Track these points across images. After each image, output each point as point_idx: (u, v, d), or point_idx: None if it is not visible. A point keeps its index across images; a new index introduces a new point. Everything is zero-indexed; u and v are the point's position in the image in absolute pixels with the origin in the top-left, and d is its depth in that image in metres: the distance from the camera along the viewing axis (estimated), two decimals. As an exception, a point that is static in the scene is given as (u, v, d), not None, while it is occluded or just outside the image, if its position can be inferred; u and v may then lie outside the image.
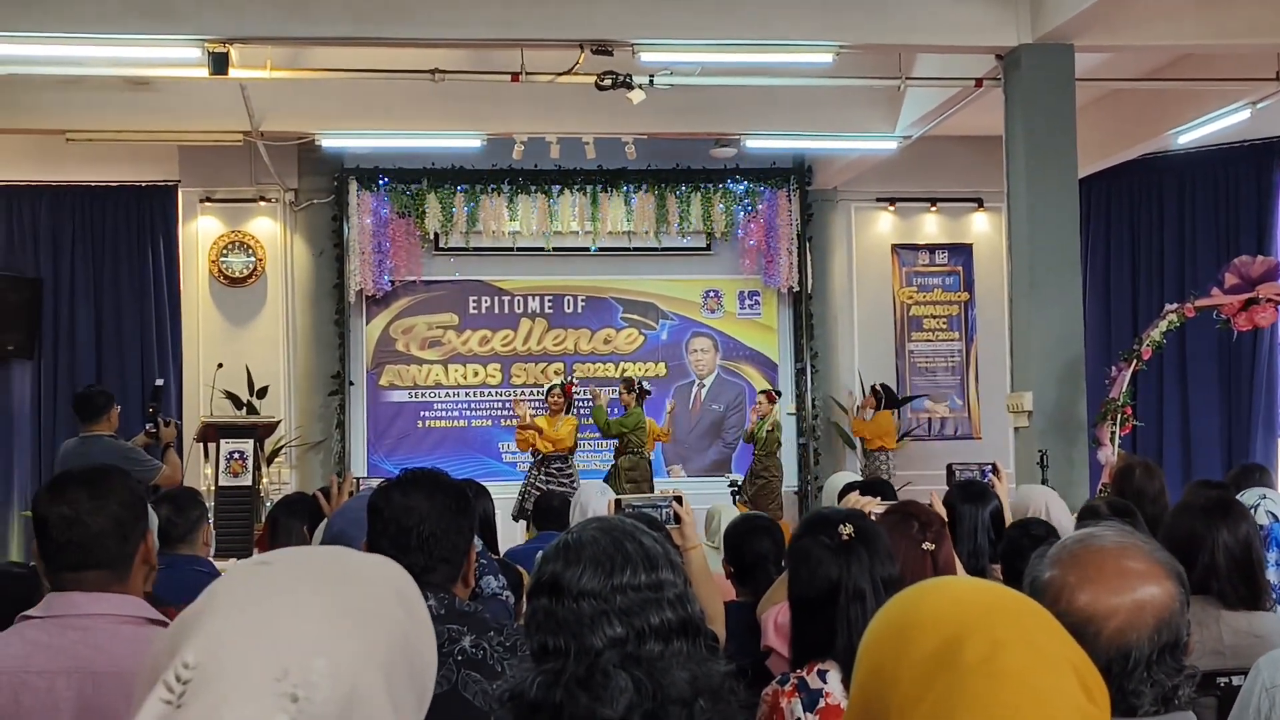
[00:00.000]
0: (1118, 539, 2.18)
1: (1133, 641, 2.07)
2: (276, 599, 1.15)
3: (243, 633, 1.12)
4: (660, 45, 10.69)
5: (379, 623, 1.21)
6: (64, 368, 14.84)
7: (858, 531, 3.29)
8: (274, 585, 1.17)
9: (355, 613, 1.19)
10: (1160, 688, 2.10)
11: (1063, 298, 10.59)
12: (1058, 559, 2.16)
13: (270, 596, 1.16)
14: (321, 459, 15.16)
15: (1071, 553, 2.16)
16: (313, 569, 1.22)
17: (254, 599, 1.15)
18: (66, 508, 2.86)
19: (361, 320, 15.64)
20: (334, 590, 1.19)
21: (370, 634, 1.18)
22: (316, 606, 1.16)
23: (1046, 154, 10.69)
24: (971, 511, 5.60)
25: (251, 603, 1.15)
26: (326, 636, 1.14)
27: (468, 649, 2.78)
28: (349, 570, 1.25)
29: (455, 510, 2.98)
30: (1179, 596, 2.13)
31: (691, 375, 16.07)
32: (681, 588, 2.18)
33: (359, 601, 1.20)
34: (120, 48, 10.61)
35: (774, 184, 15.92)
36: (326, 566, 1.24)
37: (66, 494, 2.88)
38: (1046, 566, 2.17)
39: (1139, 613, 2.08)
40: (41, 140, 14.09)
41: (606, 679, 2.05)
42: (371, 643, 1.18)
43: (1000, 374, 12.30)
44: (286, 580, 1.19)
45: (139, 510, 2.96)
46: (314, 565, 1.23)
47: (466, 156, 14.95)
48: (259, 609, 1.14)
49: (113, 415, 9.12)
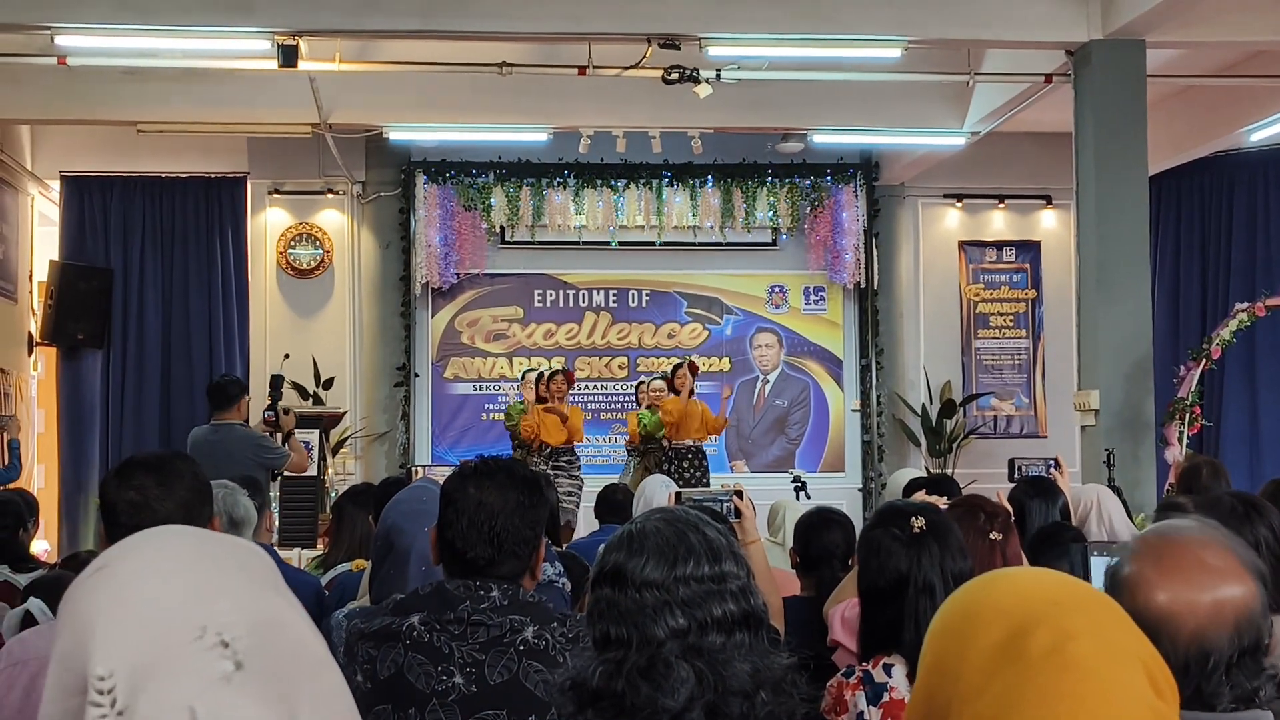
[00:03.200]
0: (1199, 533, 2.14)
1: (1212, 642, 2.03)
2: (143, 582, 1.15)
3: (137, 622, 1.11)
4: (728, 40, 10.68)
5: (240, 553, 1.22)
6: (133, 357, 14.94)
7: (929, 525, 3.27)
8: (131, 574, 1.17)
9: (216, 556, 1.20)
10: (1240, 689, 2.06)
11: (1131, 296, 10.50)
12: (1137, 553, 2.13)
13: (135, 583, 1.15)
14: (386, 450, 15.24)
15: (1152, 546, 2.12)
16: (155, 546, 1.21)
17: (122, 591, 1.15)
18: (134, 493, 2.88)
19: (427, 313, 15.71)
20: (184, 550, 1.20)
21: (241, 565, 1.20)
22: (185, 569, 1.16)
23: (1116, 151, 10.60)
24: (1040, 507, 5.58)
25: (123, 595, 1.14)
26: (209, 583, 1.15)
27: (530, 639, 2.78)
28: (188, 533, 1.25)
29: (528, 505, 2.97)
30: (1261, 596, 2.08)
31: (756, 371, 16.04)
32: (744, 580, 2.17)
33: (211, 548, 1.21)
34: (191, 40, 10.72)
35: (840, 179, 15.86)
36: (169, 539, 1.23)
37: (134, 479, 2.91)
38: (1126, 561, 2.14)
39: (1219, 612, 2.03)
40: (113, 132, 14.25)
41: (668, 669, 2.05)
42: (248, 571, 1.20)
43: (1067, 372, 12.22)
44: (136, 566, 1.18)
45: (205, 495, 2.98)
46: (152, 543, 1.23)
47: (533, 150, 14.98)
48: (136, 595, 1.14)
49: (243, 405, 9.25)
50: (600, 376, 15.80)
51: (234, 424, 9.07)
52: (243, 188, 15.12)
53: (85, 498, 14.43)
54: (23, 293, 14.80)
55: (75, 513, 14.53)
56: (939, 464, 15.02)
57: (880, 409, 15.87)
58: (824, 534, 5.04)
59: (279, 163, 14.92)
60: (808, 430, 15.94)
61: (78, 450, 14.80)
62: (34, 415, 14.96)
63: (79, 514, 14.51)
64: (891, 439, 15.91)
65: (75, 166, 14.98)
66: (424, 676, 2.74)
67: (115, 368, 14.96)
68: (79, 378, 14.89)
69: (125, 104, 12.89)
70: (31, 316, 14.96)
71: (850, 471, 15.63)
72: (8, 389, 14.13)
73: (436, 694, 2.73)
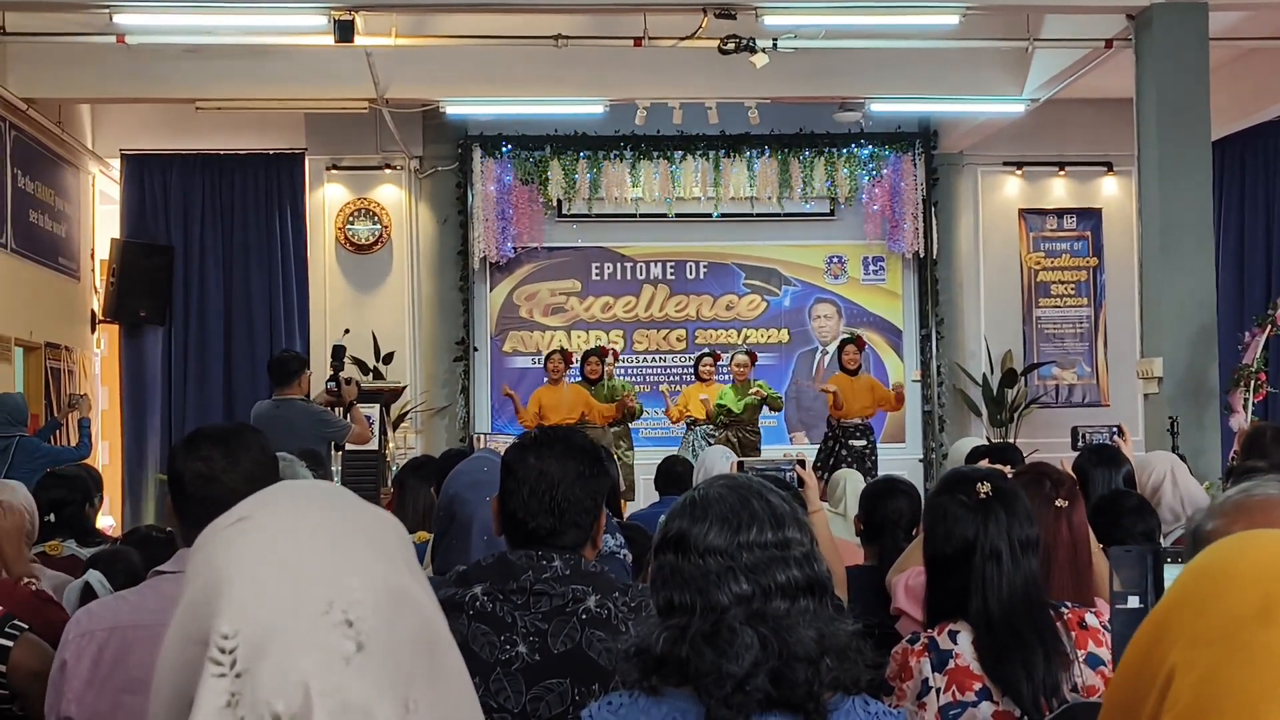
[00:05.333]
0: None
1: None
2: (282, 544, 1.15)
3: (269, 587, 1.11)
4: (784, 8, 10.64)
5: (380, 527, 1.22)
6: (194, 334, 15.07)
7: (996, 491, 3.25)
8: (271, 533, 1.17)
9: (356, 529, 1.19)
10: None
11: (1194, 263, 10.41)
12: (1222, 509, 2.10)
13: (273, 543, 1.15)
14: (446, 424, 15.31)
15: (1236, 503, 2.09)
16: (296, 506, 1.22)
17: (261, 551, 1.15)
18: (201, 464, 2.90)
19: (485, 287, 15.75)
20: (328, 516, 1.20)
21: (379, 540, 1.19)
22: (321, 536, 1.16)
23: (1178, 116, 10.49)
24: (1105, 475, 5.54)
25: (259, 556, 1.14)
26: (345, 559, 1.15)
27: (592, 608, 2.79)
28: (330, 495, 1.25)
29: (589, 475, 2.97)
30: None
31: (815, 342, 16.00)
32: (809, 546, 2.16)
33: (354, 518, 1.21)
34: (248, 16, 10.78)
35: (899, 148, 15.77)
36: (309, 500, 1.23)
37: (201, 451, 2.93)
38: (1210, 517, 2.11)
39: None
40: (172, 109, 14.36)
41: (733, 635, 2.04)
42: (385, 547, 1.19)
43: (1130, 340, 12.12)
44: (279, 524, 1.18)
45: (272, 467, 3.00)
46: (295, 502, 1.23)
47: (589, 123, 14.97)
48: (272, 557, 1.14)
49: (304, 379, 9.32)
50: (659, 349, 15.80)
51: (295, 399, 9.14)
52: (301, 164, 15.20)
53: (147, 474, 14.57)
54: (85, 271, 14.94)
55: (139, 488, 14.68)
56: (1000, 434, 14.95)
57: (941, 379, 15.81)
58: (889, 502, 5.03)
59: (337, 139, 14.98)
60: (868, 401, 15.88)
61: (140, 427, 14.95)
62: (97, 392, 15.10)
63: (142, 490, 14.66)
64: (952, 409, 15.84)
65: (135, 145, 15.10)
66: (488, 646, 2.75)
67: (177, 344, 15.09)
68: (141, 355, 15.03)
69: (184, 82, 12.98)
70: (94, 294, 15.11)
71: (911, 442, 15.57)
72: (72, 366, 14.28)
73: (500, 663, 2.74)
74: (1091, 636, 3.21)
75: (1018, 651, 3.07)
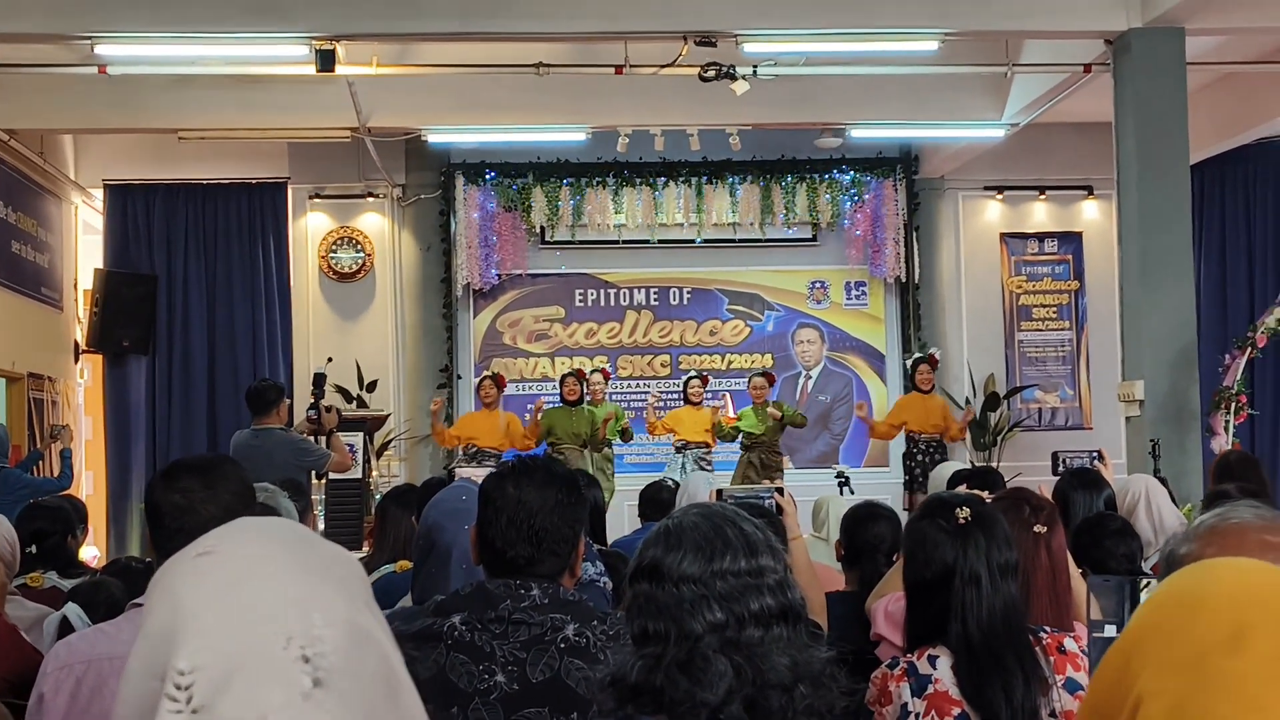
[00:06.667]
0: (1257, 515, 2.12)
1: None
2: (245, 579, 1.15)
3: (229, 621, 1.12)
4: (763, 36, 10.67)
5: (340, 565, 1.22)
6: (178, 363, 15.04)
7: (975, 515, 3.26)
8: (234, 568, 1.17)
9: (318, 566, 1.20)
10: None
11: (1175, 285, 10.44)
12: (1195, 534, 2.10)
13: (237, 579, 1.15)
14: (430, 452, 15.28)
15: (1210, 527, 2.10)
16: (260, 542, 1.22)
17: (221, 586, 1.15)
18: (179, 496, 2.91)
19: (469, 314, 15.76)
20: (290, 552, 1.20)
21: (340, 578, 1.20)
22: (284, 572, 1.17)
23: (1157, 140, 10.54)
24: (1085, 499, 5.56)
25: (221, 591, 1.14)
26: (307, 594, 1.15)
27: (571, 637, 2.79)
28: (292, 531, 1.25)
29: (567, 503, 2.98)
30: None
31: (798, 366, 16.02)
32: (782, 574, 2.17)
33: (316, 555, 1.21)
34: (229, 47, 10.79)
35: (880, 173, 15.82)
36: (272, 536, 1.23)
37: (179, 482, 2.94)
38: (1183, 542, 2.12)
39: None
40: (155, 139, 14.37)
41: (707, 663, 2.05)
42: (346, 585, 1.20)
43: (1112, 363, 12.16)
44: (242, 559, 1.18)
45: (250, 498, 3.01)
46: (259, 538, 1.23)
47: (571, 150, 15.01)
48: (233, 592, 1.14)
49: (282, 409, 9.32)
50: (643, 374, 15.81)
51: (274, 428, 9.14)
52: (284, 193, 15.21)
53: (131, 504, 14.53)
54: (68, 301, 14.93)
55: (123, 519, 14.63)
56: (984, 457, 14.96)
57: (924, 403, 15.81)
58: (870, 527, 5.04)
59: (319, 167, 15.01)
60: (851, 426, 15.90)
61: (124, 457, 14.90)
62: (81, 422, 15.07)
63: (126, 520, 14.62)
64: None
65: (118, 175, 15.09)
66: (466, 675, 2.75)
67: (161, 374, 15.06)
68: (125, 385, 15.00)
69: (166, 111, 13.00)
70: (77, 324, 15.09)
71: (894, 466, 15.56)
72: (55, 397, 14.25)
73: (479, 692, 2.74)
74: (1070, 661, 3.22)
75: (997, 676, 3.08)
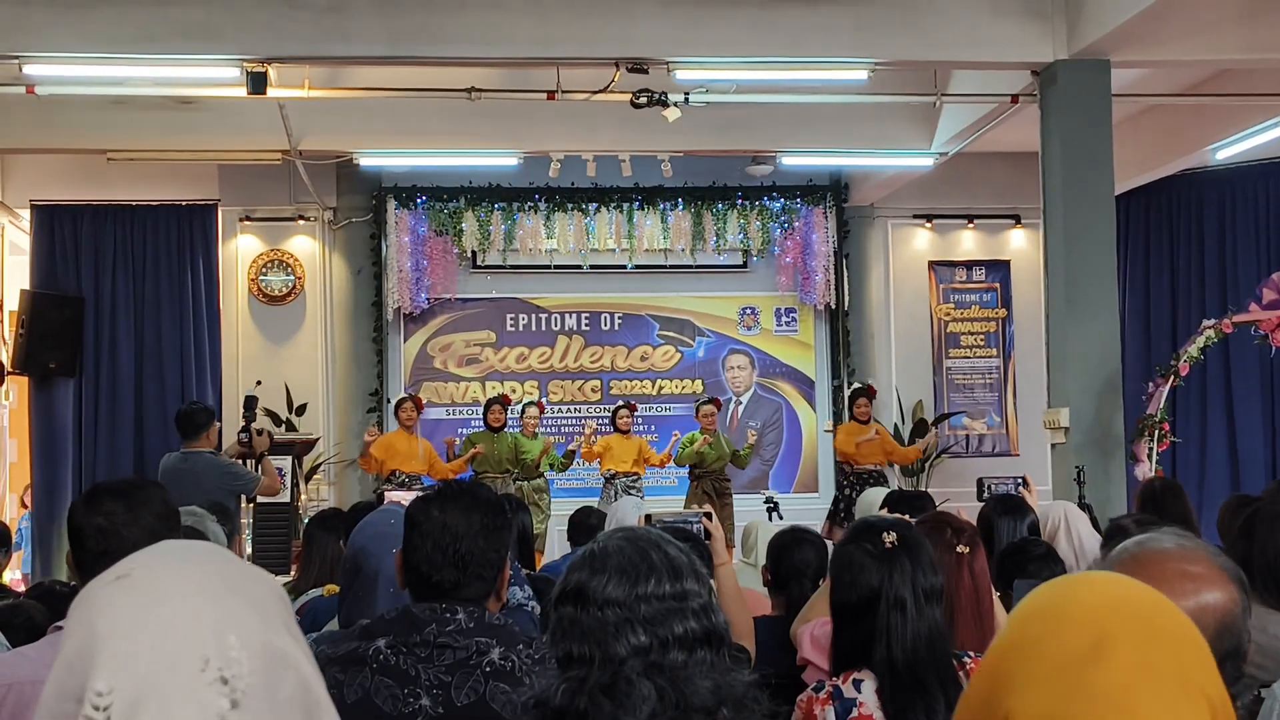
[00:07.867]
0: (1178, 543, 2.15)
1: None
2: (162, 601, 1.16)
3: (146, 644, 1.12)
4: (695, 63, 10.71)
5: (259, 588, 1.23)
6: (105, 385, 14.88)
7: (901, 540, 3.29)
8: (151, 591, 1.17)
9: (236, 587, 1.20)
10: None
11: (1100, 314, 10.55)
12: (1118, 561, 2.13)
13: (155, 601, 1.16)
14: (360, 476, 15.19)
15: (1132, 555, 2.12)
16: (178, 565, 1.22)
17: (138, 609, 1.15)
18: (102, 518, 2.90)
19: (399, 338, 15.71)
20: (207, 575, 1.20)
21: (258, 601, 1.21)
22: (201, 594, 1.17)
23: (1083, 170, 10.65)
24: (1010, 524, 5.63)
25: (138, 613, 1.15)
26: (223, 616, 1.16)
27: (496, 661, 2.80)
28: (212, 554, 1.26)
29: (492, 527, 2.99)
30: (1241, 601, 2.09)
31: (728, 392, 16.05)
32: (706, 598, 2.19)
33: (235, 577, 1.22)
34: (160, 68, 10.72)
35: (810, 201, 15.92)
36: (189, 559, 1.24)
37: (103, 505, 2.92)
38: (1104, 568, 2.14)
39: (1201, 617, 2.01)
40: (83, 160, 14.24)
41: (630, 687, 2.06)
42: (264, 607, 1.20)
43: (1038, 391, 12.26)
44: (160, 582, 1.19)
45: (173, 522, 3.00)
46: (178, 561, 1.23)
47: (503, 175, 15.01)
48: (150, 614, 1.15)
49: (212, 432, 9.27)
50: (574, 399, 15.81)
51: (203, 452, 9.09)
52: (214, 215, 15.09)
53: (58, 527, 14.34)
54: (-7, 323, 14.75)
55: (49, 542, 14.44)
56: (912, 483, 15.05)
57: (853, 429, 15.89)
58: (795, 552, 5.08)
59: (250, 190, 14.93)
60: (781, 451, 15.97)
61: (51, 480, 14.72)
62: (6, 445, 14.90)
63: (52, 543, 14.43)
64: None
65: (46, 195, 14.93)
66: (391, 699, 2.75)
67: (88, 396, 14.89)
68: (51, 407, 14.82)
69: (95, 132, 12.88)
70: (3, 346, 14.90)
71: (824, 492, 15.63)
72: (-21, 419, 14.08)
73: (404, 716, 2.74)
74: (992, 685, 3.24)
75: (920, 699, 3.11)
